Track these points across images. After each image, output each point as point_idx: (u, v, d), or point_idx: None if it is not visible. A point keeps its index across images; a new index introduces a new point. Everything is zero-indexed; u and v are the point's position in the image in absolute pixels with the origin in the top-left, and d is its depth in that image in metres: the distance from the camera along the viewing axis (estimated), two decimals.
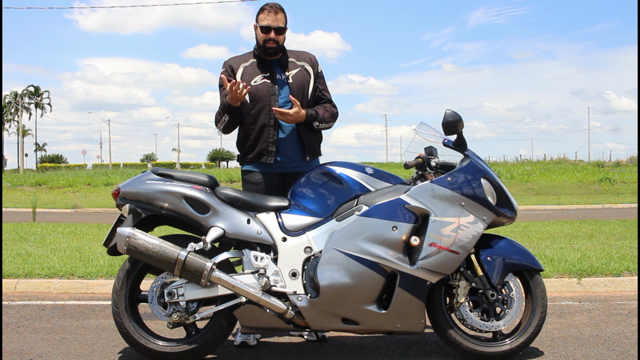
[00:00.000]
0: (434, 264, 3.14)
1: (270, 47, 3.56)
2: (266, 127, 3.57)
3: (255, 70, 3.61)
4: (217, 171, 39.53)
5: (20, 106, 70.18)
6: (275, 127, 3.58)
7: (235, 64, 3.64)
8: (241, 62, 3.65)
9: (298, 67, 3.67)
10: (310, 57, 3.74)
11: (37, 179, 28.88)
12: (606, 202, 17.39)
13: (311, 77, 3.68)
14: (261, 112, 3.57)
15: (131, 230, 3.12)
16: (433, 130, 3.47)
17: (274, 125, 3.57)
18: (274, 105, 3.55)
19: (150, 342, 3.23)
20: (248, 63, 3.64)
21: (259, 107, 3.57)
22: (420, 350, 3.55)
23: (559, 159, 35.83)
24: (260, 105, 3.56)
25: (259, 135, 3.58)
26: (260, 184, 3.61)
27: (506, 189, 3.34)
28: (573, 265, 5.65)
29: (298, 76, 3.64)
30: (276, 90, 3.58)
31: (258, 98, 3.56)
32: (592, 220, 10.63)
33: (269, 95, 3.56)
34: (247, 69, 3.62)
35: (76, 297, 5.18)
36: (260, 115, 3.57)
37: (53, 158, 76.20)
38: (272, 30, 3.54)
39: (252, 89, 3.54)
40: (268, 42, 3.55)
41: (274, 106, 3.53)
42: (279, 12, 3.56)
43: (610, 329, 4.00)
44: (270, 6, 3.56)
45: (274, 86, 3.58)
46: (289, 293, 3.15)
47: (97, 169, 52.69)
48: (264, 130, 3.57)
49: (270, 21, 3.53)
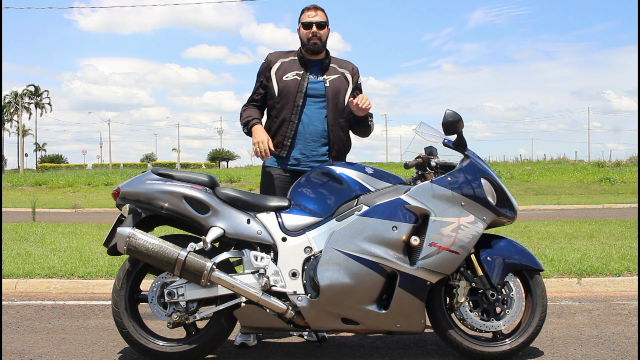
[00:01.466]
0: (434, 264, 3.14)
1: (314, 43, 3.66)
2: (286, 122, 3.65)
3: (291, 66, 3.71)
4: (217, 171, 39.54)
5: (20, 106, 70.17)
6: (296, 122, 3.64)
7: (274, 59, 3.76)
8: (281, 57, 3.76)
9: (338, 74, 3.76)
10: (353, 67, 3.84)
11: (37, 179, 28.89)
12: (606, 202, 17.40)
13: (349, 85, 3.77)
14: (285, 107, 3.66)
15: (131, 230, 3.12)
16: (433, 130, 3.47)
17: (296, 120, 3.64)
18: (299, 102, 3.63)
19: (150, 342, 3.23)
20: (287, 59, 3.74)
21: (284, 102, 3.66)
22: (420, 350, 3.55)
23: (559, 159, 35.85)
24: (285, 101, 3.65)
25: (279, 128, 3.68)
26: (278, 178, 3.69)
27: (506, 189, 3.34)
28: (573, 265, 5.65)
29: (336, 82, 3.72)
30: (304, 88, 3.64)
31: (285, 93, 3.65)
32: (592, 220, 10.63)
33: (295, 92, 3.64)
34: (284, 64, 3.73)
35: (76, 297, 5.18)
36: (283, 110, 3.66)
37: (53, 158, 76.19)
38: (314, 25, 3.66)
39: (281, 84, 3.67)
40: (312, 38, 3.67)
41: (297, 102, 3.63)
42: (319, 10, 3.73)
43: (610, 329, 4.00)
44: (310, 5, 3.73)
45: (303, 83, 3.65)
46: (289, 293, 3.15)
47: (97, 169, 52.72)
48: (284, 124, 3.66)
49: (311, 17, 3.69)
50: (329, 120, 3.67)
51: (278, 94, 3.68)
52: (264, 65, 3.77)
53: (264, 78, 3.75)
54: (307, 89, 3.65)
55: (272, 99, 3.71)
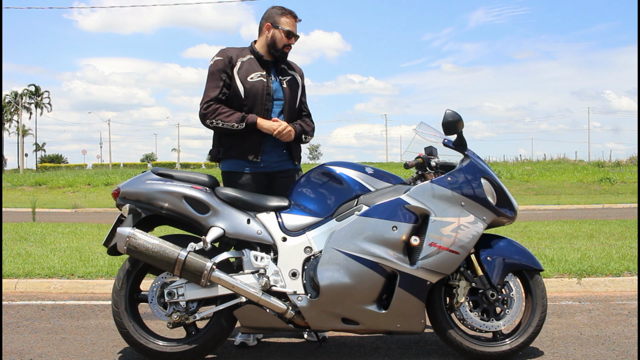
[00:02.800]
0: (434, 263, 3.14)
1: (285, 53, 3.64)
2: None
3: (252, 66, 3.61)
4: (217, 171, 39.46)
5: (20, 106, 70.15)
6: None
7: (234, 56, 3.60)
8: (239, 56, 3.63)
9: (290, 75, 3.73)
10: (300, 69, 3.84)
11: (37, 179, 28.88)
12: (606, 202, 17.40)
13: (299, 87, 3.76)
14: (253, 109, 3.54)
15: (131, 230, 3.12)
16: (433, 130, 3.47)
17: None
18: (268, 105, 3.56)
19: (150, 342, 3.23)
20: (245, 58, 3.63)
21: (251, 105, 3.54)
22: (420, 350, 3.55)
23: (559, 159, 35.88)
24: (254, 102, 3.54)
25: (251, 133, 3.53)
26: (247, 186, 3.54)
27: (506, 189, 3.34)
28: (573, 265, 5.65)
29: (291, 83, 3.71)
30: (271, 90, 3.60)
31: (253, 95, 3.55)
32: (592, 220, 10.63)
33: (264, 94, 3.56)
34: (244, 63, 3.61)
35: (76, 297, 5.18)
36: (253, 112, 3.54)
37: (53, 158, 76.22)
38: (294, 37, 3.63)
39: (247, 85, 3.54)
40: (286, 47, 3.63)
41: (267, 106, 3.56)
42: (298, 22, 3.67)
43: (610, 329, 4.00)
44: (295, 14, 3.65)
45: (269, 85, 3.59)
46: (289, 293, 3.15)
47: (97, 169, 52.69)
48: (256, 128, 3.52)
49: (294, 28, 3.64)
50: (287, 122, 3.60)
51: (245, 96, 3.53)
52: (223, 63, 3.54)
53: (227, 76, 3.53)
54: (273, 92, 3.60)
55: (238, 101, 3.52)
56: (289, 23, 3.61)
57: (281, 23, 3.60)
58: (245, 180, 3.56)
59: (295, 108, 3.72)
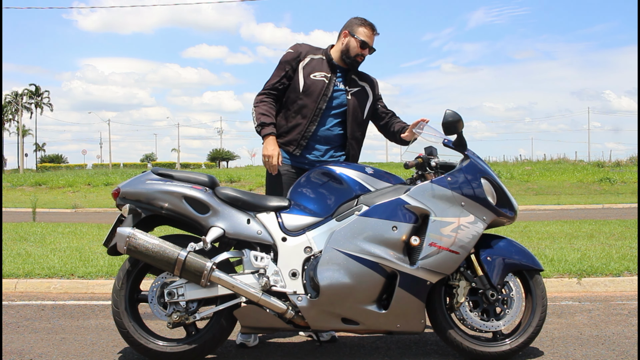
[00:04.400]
0: (434, 264, 3.14)
1: (357, 62, 3.67)
2: (305, 120, 3.63)
3: (320, 66, 3.67)
4: (217, 171, 39.53)
5: (20, 106, 70.14)
6: (316, 125, 3.63)
7: (304, 52, 3.69)
8: (310, 53, 3.70)
9: (359, 87, 3.74)
10: (372, 80, 3.83)
11: (37, 179, 28.89)
12: (606, 202, 17.40)
13: (369, 99, 3.76)
14: (306, 106, 3.62)
15: (131, 230, 3.12)
16: (433, 130, 3.47)
17: (316, 123, 3.62)
18: (322, 105, 3.61)
19: (150, 342, 3.23)
20: (316, 57, 3.70)
21: (306, 101, 3.62)
22: (420, 350, 3.55)
23: (559, 159, 35.86)
24: (308, 100, 3.62)
25: (296, 125, 3.64)
26: (287, 175, 3.66)
27: (506, 189, 3.34)
28: (573, 265, 5.65)
29: (358, 94, 3.71)
30: (330, 92, 3.63)
31: (310, 92, 3.62)
32: (592, 220, 10.63)
33: (321, 94, 3.61)
34: (313, 61, 3.68)
35: (76, 297, 5.18)
36: (304, 109, 3.62)
37: (53, 158, 76.17)
38: (369, 49, 3.65)
39: (308, 81, 3.62)
40: (359, 57, 3.65)
41: (320, 105, 3.60)
42: (376, 34, 3.69)
43: (610, 329, 4.00)
44: (373, 26, 3.67)
45: (329, 87, 3.63)
46: (289, 293, 3.15)
47: (97, 169, 52.70)
48: (302, 123, 3.63)
49: (370, 39, 3.64)
50: (348, 133, 3.67)
51: (303, 90, 3.62)
52: (292, 55, 3.66)
53: (291, 69, 3.65)
54: (332, 95, 3.64)
55: (295, 93, 3.64)
56: (366, 34, 3.63)
57: (358, 33, 3.64)
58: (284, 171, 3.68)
59: (363, 119, 3.72)
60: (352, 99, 3.68)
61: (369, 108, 3.76)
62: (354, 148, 3.73)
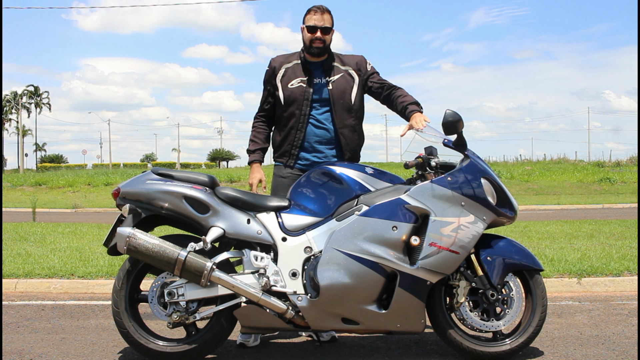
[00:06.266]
0: (434, 263, 3.14)
1: (317, 47, 3.63)
2: (293, 130, 3.67)
3: (295, 73, 3.69)
4: (217, 171, 39.53)
5: (20, 106, 70.13)
6: (303, 131, 3.65)
7: (278, 65, 3.74)
8: (284, 63, 3.73)
9: (341, 72, 3.72)
10: (357, 61, 3.76)
11: (37, 179, 28.88)
12: (606, 202, 17.40)
13: (355, 81, 3.72)
14: (292, 116, 3.66)
15: (131, 230, 3.12)
16: (433, 130, 3.47)
17: (303, 130, 3.65)
18: (306, 110, 3.63)
19: (150, 342, 3.23)
20: (290, 64, 3.72)
21: (290, 111, 3.66)
22: (420, 350, 3.55)
23: (559, 159, 35.87)
24: (292, 109, 3.65)
25: (286, 136, 3.70)
26: (288, 177, 3.70)
27: (506, 189, 3.34)
28: (573, 265, 5.65)
29: (340, 82, 3.69)
30: (310, 95, 3.64)
31: (291, 101, 3.65)
32: (592, 220, 10.63)
33: (302, 100, 3.63)
34: (288, 70, 3.71)
35: (76, 297, 5.18)
36: (291, 118, 3.67)
37: (53, 158, 76.18)
38: (319, 30, 3.62)
39: (287, 92, 3.66)
40: (315, 41, 3.63)
41: (304, 111, 3.64)
42: (325, 13, 3.65)
43: (610, 329, 4.00)
44: (317, 7, 3.66)
45: (308, 90, 3.64)
46: (289, 293, 3.15)
47: (97, 169, 52.67)
48: (291, 132, 3.68)
49: (316, 21, 3.63)
50: (337, 124, 3.66)
51: (284, 102, 3.67)
52: (269, 73, 3.75)
53: (271, 86, 3.74)
54: (313, 96, 3.65)
55: (280, 107, 3.71)
56: (312, 18, 3.64)
57: (305, 21, 3.67)
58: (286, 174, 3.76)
59: (350, 104, 3.69)
60: (334, 88, 3.66)
61: (357, 90, 3.71)
62: (349, 139, 3.69)
